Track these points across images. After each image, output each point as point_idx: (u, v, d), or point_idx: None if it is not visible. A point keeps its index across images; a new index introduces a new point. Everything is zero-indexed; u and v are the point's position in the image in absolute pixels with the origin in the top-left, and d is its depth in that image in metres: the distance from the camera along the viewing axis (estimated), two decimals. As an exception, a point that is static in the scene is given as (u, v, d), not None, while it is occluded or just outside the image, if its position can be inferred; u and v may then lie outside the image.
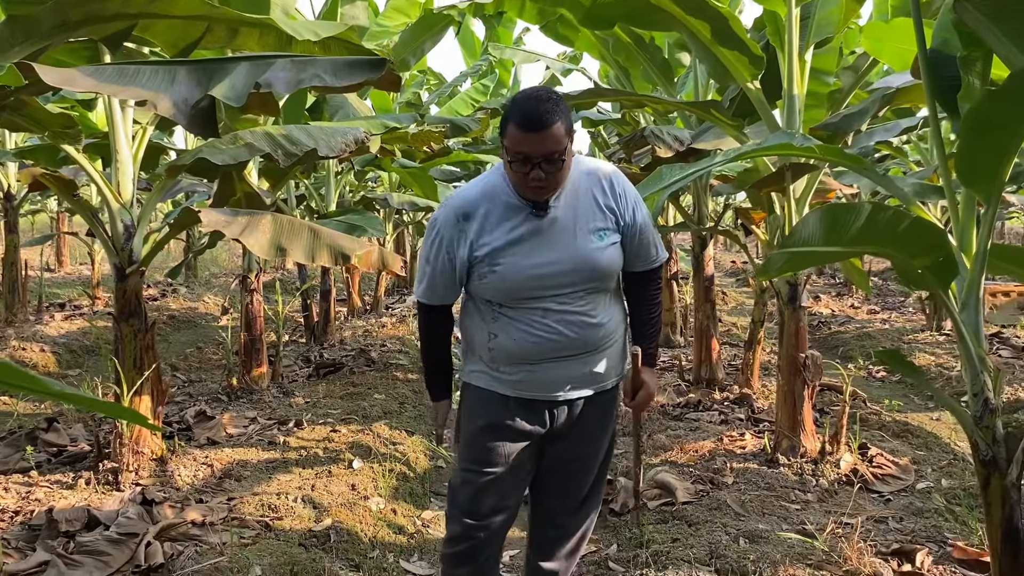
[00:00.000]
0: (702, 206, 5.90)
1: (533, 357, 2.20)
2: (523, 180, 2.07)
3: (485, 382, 2.30)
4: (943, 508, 3.51)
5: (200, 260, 13.89)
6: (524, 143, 2.01)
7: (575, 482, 2.43)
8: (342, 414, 5.02)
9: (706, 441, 4.43)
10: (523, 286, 2.16)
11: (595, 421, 2.36)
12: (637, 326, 2.43)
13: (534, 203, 2.15)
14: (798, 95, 3.94)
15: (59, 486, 3.65)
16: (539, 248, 2.16)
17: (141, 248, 3.84)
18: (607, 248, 2.21)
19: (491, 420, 2.29)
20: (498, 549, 2.47)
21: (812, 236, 1.78)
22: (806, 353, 4.08)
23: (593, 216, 2.20)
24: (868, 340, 7.86)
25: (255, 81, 1.96)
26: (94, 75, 2.03)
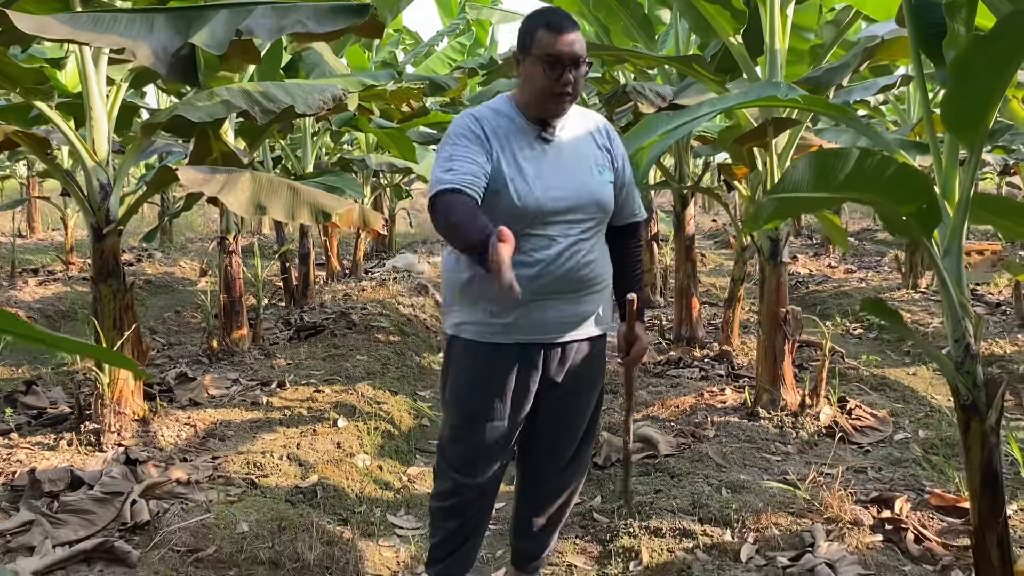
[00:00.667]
0: (683, 164, 5.90)
1: (532, 291, 2.14)
2: (552, 86, 2.10)
3: (476, 333, 2.25)
4: (920, 458, 3.58)
5: (175, 224, 13.72)
6: (557, 44, 2.07)
7: (567, 435, 2.43)
8: (325, 375, 5.01)
9: (687, 396, 4.48)
10: (536, 209, 2.14)
11: (586, 372, 2.36)
12: (623, 283, 2.43)
13: (541, 126, 2.19)
14: (780, 50, 3.93)
15: (41, 448, 3.62)
16: (550, 173, 2.18)
17: (118, 207, 3.78)
18: (606, 184, 2.26)
19: (484, 374, 2.25)
20: (489, 504, 2.47)
21: (801, 181, 1.78)
22: (786, 308, 4.12)
23: (595, 153, 2.27)
24: (845, 298, 7.95)
25: (236, 28, 1.92)
26: (69, 22, 1.98)
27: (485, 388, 2.27)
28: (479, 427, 2.28)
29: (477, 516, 2.43)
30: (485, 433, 2.29)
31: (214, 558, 2.67)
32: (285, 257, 7.30)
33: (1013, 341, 5.64)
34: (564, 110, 2.19)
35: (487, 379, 2.26)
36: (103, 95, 3.71)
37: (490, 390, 2.26)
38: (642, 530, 2.96)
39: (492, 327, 2.23)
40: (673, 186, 5.76)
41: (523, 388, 2.28)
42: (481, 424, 2.28)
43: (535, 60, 2.11)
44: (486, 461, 2.34)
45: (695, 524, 2.97)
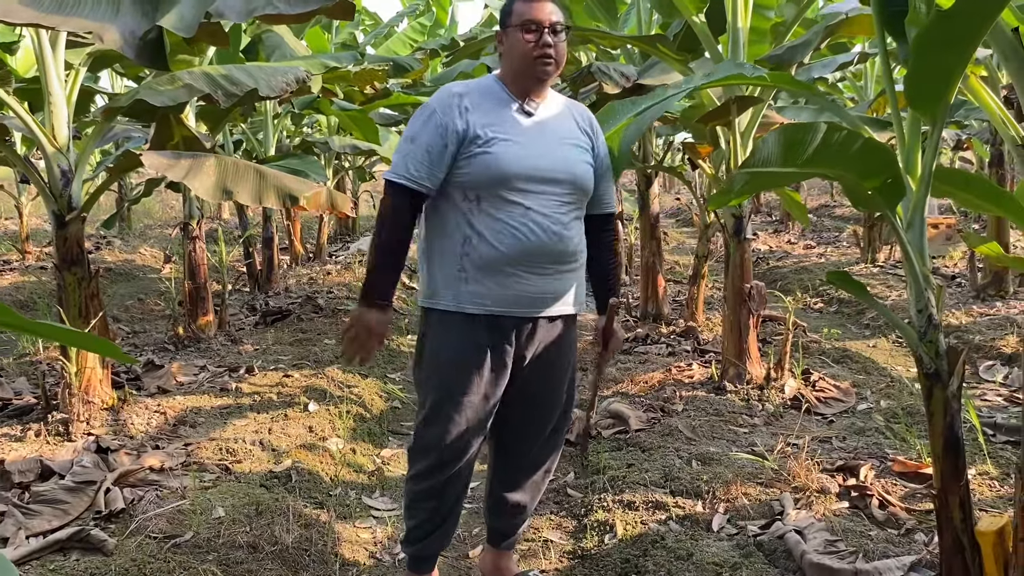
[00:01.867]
0: (647, 144, 5.94)
1: (510, 259, 2.17)
2: (532, 52, 2.15)
3: (451, 303, 2.24)
4: (883, 427, 3.68)
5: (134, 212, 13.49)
6: (531, 10, 2.15)
7: (539, 414, 2.43)
8: (293, 360, 5.00)
9: (655, 372, 4.54)
10: (515, 174, 2.16)
11: (557, 350, 2.36)
12: (600, 275, 2.47)
13: (523, 99, 2.22)
14: (742, 28, 3.97)
15: (7, 439, 3.57)
16: (531, 143, 2.20)
17: (80, 193, 3.72)
18: (587, 164, 2.29)
19: (459, 344, 2.25)
20: (465, 484, 2.45)
21: (772, 156, 1.82)
22: (751, 284, 4.19)
23: (575, 133, 2.30)
24: (805, 273, 8.09)
25: (205, 10, 1.90)
26: (33, 5, 1.94)
27: (460, 361, 2.25)
28: (456, 403, 2.26)
29: (453, 496, 2.41)
30: (462, 410, 2.26)
31: (192, 544, 2.66)
32: (248, 242, 7.24)
33: (968, 312, 5.80)
34: (548, 74, 2.20)
35: (462, 352, 2.25)
36: (61, 80, 3.64)
37: (465, 363, 2.25)
38: (616, 504, 3.02)
39: (465, 296, 2.22)
40: (637, 166, 5.80)
41: (497, 363, 2.27)
42: (458, 400, 2.25)
43: (515, 30, 2.17)
44: (462, 440, 2.30)
45: (667, 496, 3.03)
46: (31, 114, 3.62)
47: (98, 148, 7.82)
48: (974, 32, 1.83)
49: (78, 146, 3.98)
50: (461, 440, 2.30)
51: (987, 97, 2.40)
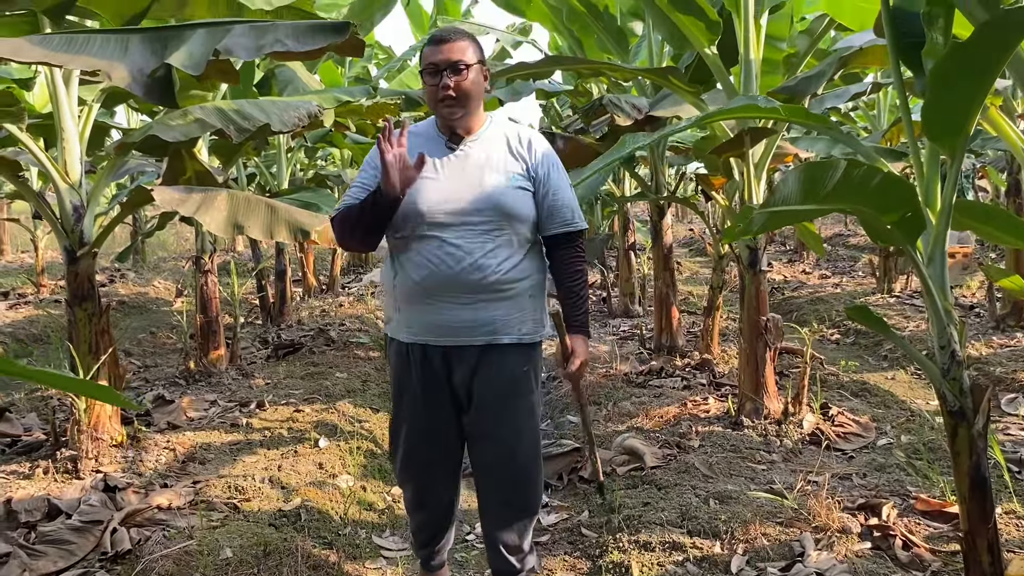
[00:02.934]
0: (659, 175, 5.91)
1: (426, 290, 2.28)
2: (435, 93, 2.25)
3: (393, 330, 2.41)
4: (904, 463, 3.60)
5: (148, 244, 13.57)
6: (432, 55, 2.24)
7: (496, 448, 2.38)
8: (304, 394, 4.96)
9: (670, 407, 4.47)
10: (429, 211, 2.25)
11: (500, 381, 2.33)
12: (562, 297, 2.47)
13: (451, 136, 2.33)
14: (755, 60, 3.95)
15: (16, 476, 3.54)
16: (450, 179, 2.30)
17: (92, 229, 3.72)
18: (514, 190, 2.31)
19: (399, 370, 2.42)
20: (444, 500, 2.52)
21: (792, 194, 1.78)
22: (767, 316, 4.13)
23: (505, 160, 2.34)
24: (821, 304, 8.01)
25: (214, 48, 1.89)
26: (42, 44, 1.93)
27: (400, 385, 2.42)
28: (402, 420, 2.45)
29: (437, 513, 2.55)
30: (408, 433, 2.43)
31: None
32: (261, 275, 7.24)
33: (988, 343, 5.70)
34: (453, 113, 2.28)
35: (400, 376, 2.42)
36: (74, 116, 3.65)
37: (404, 387, 2.41)
38: (631, 544, 2.95)
39: (400, 325, 2.37)
40: (649, 197, 5.77)
41: (431, 391, 2.37)
42: (403, 417, 2.44)
43: (422, 74, 2.28)
44: (418, 464, 2.46)
45: (684, 537, 2.96)
46: (44, 150, 3.63)
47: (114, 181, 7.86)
48: (993, 62, 1.79)
49: (92, 179, 4.00)
50: (417, 455, 2.45)
51: (1006, 126, 2.36)
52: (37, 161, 3.60)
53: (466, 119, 2.31)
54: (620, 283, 7.80)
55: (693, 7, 3.78)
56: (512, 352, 2.34)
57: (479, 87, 2.29)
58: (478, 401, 2.35)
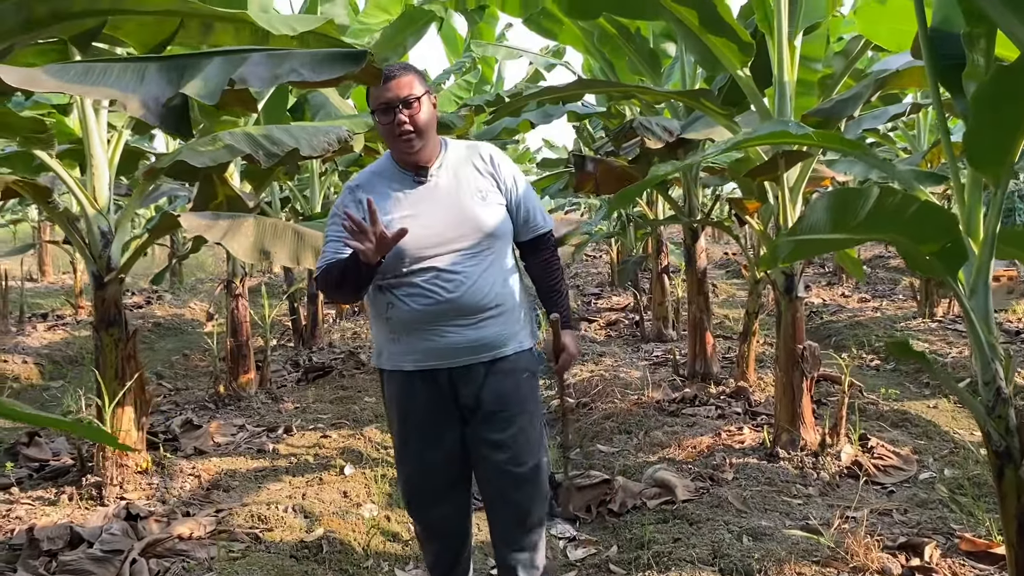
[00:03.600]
0: (692, 198, 5.82)
1: (426, 318, 2.29)
2: (391, 132, 2.27)
3: (391, 362, 2.38)
4: (947, 499, 3.45)
5: (186, 266, 13.74)
6: (383, 93, 2.26)
7: (508, 455, 2.41)
8: (332, 418, 4.92)
9: (704, 437, 4.35)
10: (412, 246, 2.24)
11: (504, 395, 2.38)
12: (544, 294, 2.57)
13: (415, 170, 2.34)
14: (789, 82, 3.86)
15: (41, 502, 3.55)
16: (425, 211, 2.30)
17: (120, 255, 3.73)
18: (491, 207, 2.36)
19: (403, 401, 2.39)
20: (457, 529, 2.53)
21: (820, 222, 1.70)
22: (804, 344, 4.01)
23: (475, 181, 2.38)
24: (860, 328, 7.81)
25: (229, 77, 1.87)
26: (58, 74, 1.92)
27: (405, 415, 2.39)
28: (410, 456, 2.43)
29: (452, 543, 2.54)
30: (416, 461, 2.42)
31: (215, 621, 2.56)
32: (293, 297, 7.25)
33: (1036, 371, 5.50)
34: (412, 147, 2.29)
35: (405, 406, 2.39)
36: (104, 142, 3.67)
37: (409, 417, 2.39)
38: (661, 582, 2.84)
39: (399, 355, 2.35)
40: (682, 220, 5.68)
41: (439, 414, 2.38)
42: (412, 448, 2.41)
43: (374, 114, 2.32)
44: (427, 493, 2.45)
45: (716, 575, 2.85)
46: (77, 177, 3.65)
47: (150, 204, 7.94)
48: (1039, 86, 1.70)
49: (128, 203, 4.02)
50: (425, 484, 2.44)
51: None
52: (66, 187, 3.61)
53: (425, 150, 2.33)
54: (653, 307, 7.69)
55: (725, 28, 3.71)
56: (514, 362, 2.42)
57: (432, 116, 2.33)
58: (484, 411, 2.39)
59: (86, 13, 2.46)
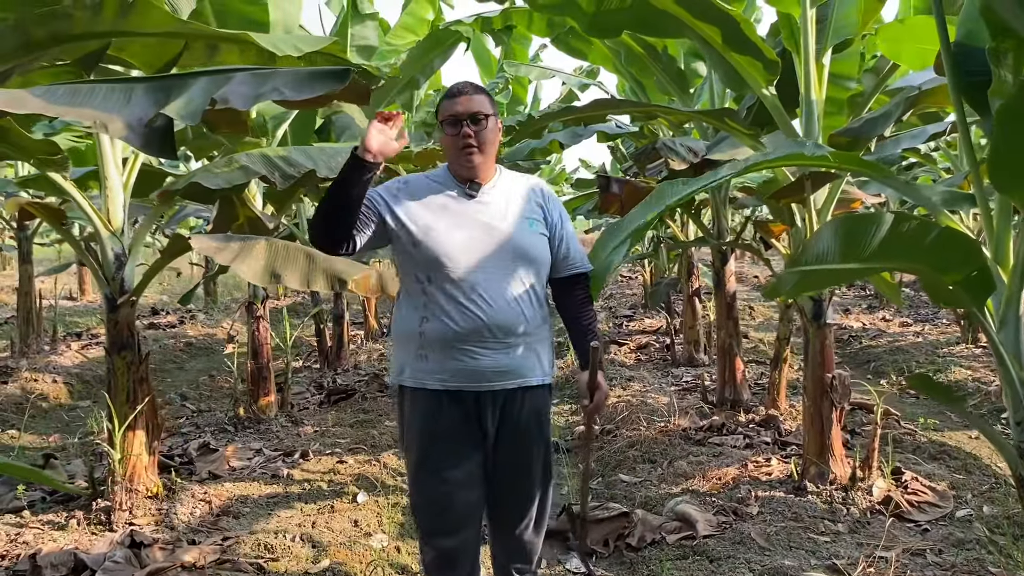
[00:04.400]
0: (721, 220, 5.68)
1: (460, 336, 2.29)
2: (455, 143, 2.32)
3: (415, 380, 2.36)
4: (985, 539, 3.26)
5: (221, 284, 13.86)
6: (453, 106, 2.32)
7: (520, 484, 2.48)
8: (350, 443, 4.85)
9: (730, 468, 4.19)
10: (456, 254, 2.28)
11: (525, 422, 2.42)
12: (577, 335, 2.52)
13: (468, 185, 2.37)
14: (816, 100, 3.73)
15: (50, 527, 3.51)
16: (471, 224, 2.33)
17: (133, 277, 3.71)
18: (535, 235, 2.39)
19: (426, 419, 2.36)
20: (467, 559, 2.47)
21: (827, 252, 1.58)
22: (833, 373, 3.84)
23: (524, 208, 2.41)
24: (901, 354, 7.57)
25: (211, 97, 1.81)
26: (45, 96, 1.89)
27: (428, 434, 2.36)
28: (429, 473, 2.37)
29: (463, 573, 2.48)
30: (436, 480, 2.36)
31: (208, 657, 2.48)
32: (319, 318, 7.22)
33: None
34: (472, 162, 2.33)
35: (428, 425, 2.36)
36: (118, 164, 3.66)
37: (432, 435, 2.35)
38: (675, 625, 2.70)
39: (426, 373, 2.34)
40: (711, 242, 5.54)
41: (463, 435, 2.37)
42: (430, 470, 2.36)
43: (441, 126, 2.36)
44: (444, 510, 2.39)
45: (733, 618, 2.71)
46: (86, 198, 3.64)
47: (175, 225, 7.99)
48: (1071, 104, 1.57)
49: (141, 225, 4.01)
50: (442, 509, 2.38)
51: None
52: (80, 210, 3.60)
53: (483, 168, 2.37)
54: (684, 330, 7.52)
55: (749, 46, 3.60)
56: (538, 392, 2.45)
57: (496, 137, 2.38)
58: (504, 438, 2.41)
59: (87, 35, 2.43)
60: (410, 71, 6.52)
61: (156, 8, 2.30)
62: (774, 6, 3.75)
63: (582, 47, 6.18)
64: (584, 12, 3.75)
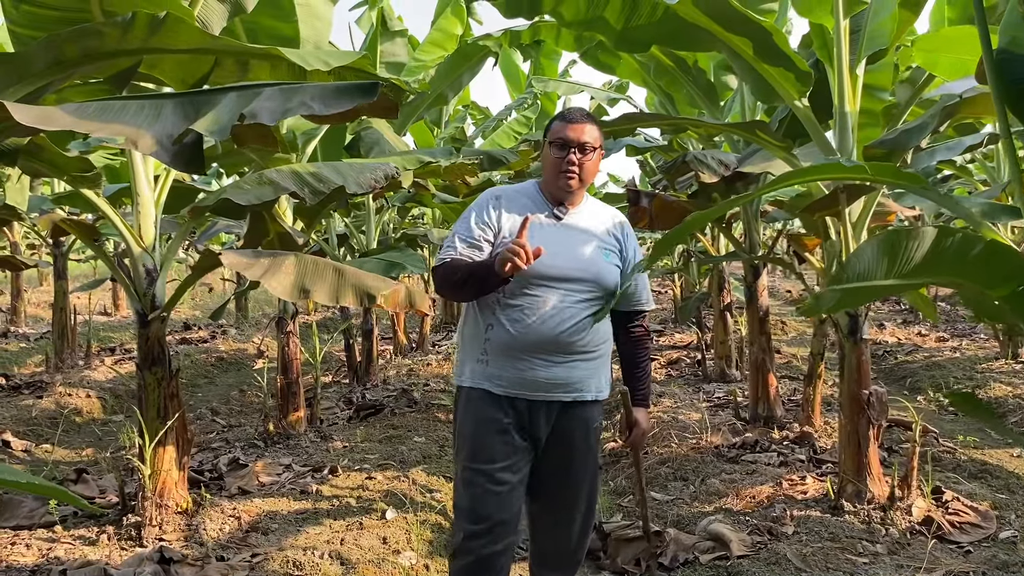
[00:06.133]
0: (753, 233, 5.61)
1: (523, 346, 2.39)
2: (558, 165, 2.43)
3: (475, 381, 2.47)
4: (1031, 562, 3.16)
5: (252, 299, 13.96)
6: (565, 130, 2.43)
7: (567, 498, 2.56)
8: (379, 459, 4.83)
9: (764, 486, 4.11)
10: (535, 271, 2.33)
11: (575, 435, 2.50)
12: (627, 368, 2.67)
13: (557, 205, 2.49)
14: (850, 112, 3.68)
15: (81, 542, 3.52)
16: (556, 242, 2.42)
17: (164, 293, 3.72)
18: (612, 265, 2.51)
19: (482, 416, 2.45)
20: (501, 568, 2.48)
21: (869, 269, 1.53)
22: (870, 390, 3.76)
23: (604, 236, 2.53)
24: (938, 370, 7.41)
25: (240, 112, 1.81)
26: (75, 112, 1.89)
27: (485, 430, 2.44)
28: (477, 472, 2.42)
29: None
30: (483, 480, 2.41)
31: (236, 676, 2.46)
32: (348, 333, 7.23)
33: None
34: (570, 187, 2.45)
35: (481, 426, 2.44)
36: (150, 180, 3.69)
37: (484, 436, 2.43)
38: (709, 648, 2.64)
39: (485, 377, 2.45)
40: (742, 256, 5.47)
41: (514, 439, 2.44)
42: (479, 469, 2.42)
43: (549, 144, 2.47)
44: (487, 511, 2.41)
45: (769, 642, 2.64)
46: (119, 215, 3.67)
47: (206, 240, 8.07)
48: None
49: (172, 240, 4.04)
50: (486, 510, 2.41)
51: None
52: (112, 226, 3.63)
53: (576, 194, 2.51)
54: (716, 345, 7.43)
55: (781, 58, 3.55)
56: (590, 408, 2.54)
57: (596, 168, 2.51)
58: (551, 447, 2.50)
59: (118, 53, 2.45)
60: (439, 86, 6.54)
61: (186, 24, 2.31)
62: (807, 17, 3.71)
63: (611, 61, 6.16)
64: (612, 27, 3.73)
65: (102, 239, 3.82)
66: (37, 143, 3.17)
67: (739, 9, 3.42)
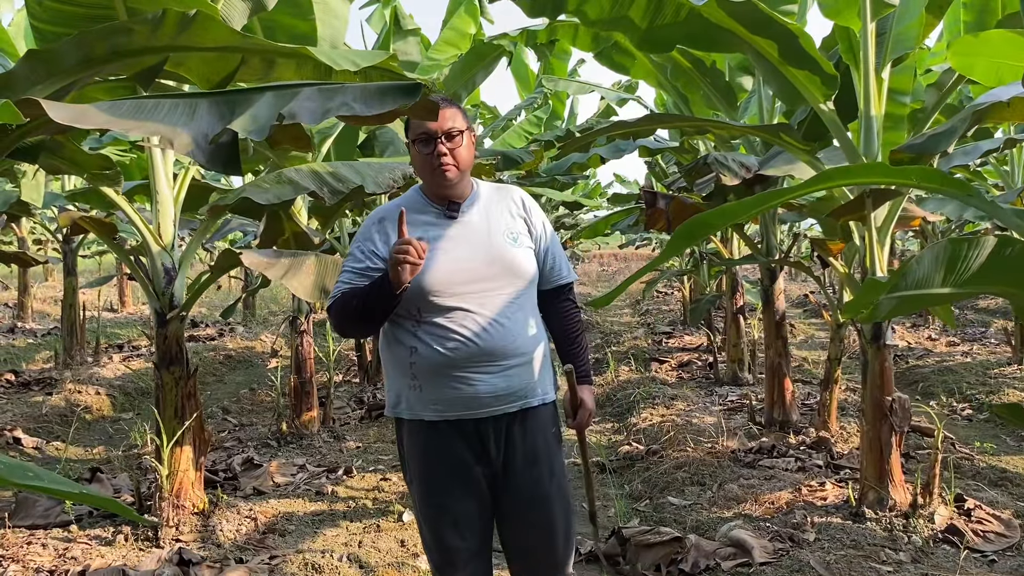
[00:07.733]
0: (770, 236, 5.57)
1: (455, 363, 2.16)
2: (429, 161, 2.19)
3: (411, 412, 2.22)
4: (1058, 572, 3.13)
5: (260, 298, 13.94)
6: (422, 124, 2.19)
7: (540, 514, 2.29)
8: (393, 459, 4.80)
9: (782, 491, 4.08)
10: (443, 280, 2.16)
11: (531, 445, 2.27)
12: (563, 346, 2.43)
13: (447, 205, 2.25)
14: (875, 116, 3.64)
15: (98, 542, 3.50)
16: (456, 246, 2.21)
17: (183, 292, 3.70)
18: (522, 249, 2.28)
19: (424, 451, 2.22)
20: None
21: (927, 277, 1.50)
22: (893, 396, 3.73)
23: (507, 222, 2.30)
24: (950, 375, 7.37)
25: (279, 112, 1.78)
26: (109, 111, 1.86)
27: (429, 466, 2.22)
28: (434, 506, 2.23)
29: None
30: (442, 513, 2.22)
31: None
32: (359, 333, 7.20)
33: None
34: (449, 179, 2.21)
35: (428, 457, 2.21)
36: (169, 179, 3.66)
37: (434, 468, 2.21)
38: (736, 657, 2.61)
39: (420, 404, 2.20)
40: (759, 260, 5.43)
41: (467, 468, 2.22)
42: (435, 503, 2.22)
43: (413, 144, 2.23)
44: (452, 544, 2.23)
45: (798, 652, 2.61)
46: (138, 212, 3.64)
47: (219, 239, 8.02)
48: None
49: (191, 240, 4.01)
50: (450, 544, 2.23)
51: None
52: (132, 224, 3.61)
53: (460, 185, 2.27)
54: (728, 348, 7.40)
55: (807, 60, 3.52)
56: (541, 413, 2.32)
57: (471, 153, 2.28)
58: (516, 468, 2.26)
59: (146, 50, 2.42)
60: (453, 85, 6.51)
61: (216, 23, 2.28)
62: (832, 19, 3.67)
63: (625, 61, 6.13)
64: (636, 27, 3.70)
65: (119, 237, 3.79)
66: (58, 140, 3.14)
67: (765, 11, 3.38)
